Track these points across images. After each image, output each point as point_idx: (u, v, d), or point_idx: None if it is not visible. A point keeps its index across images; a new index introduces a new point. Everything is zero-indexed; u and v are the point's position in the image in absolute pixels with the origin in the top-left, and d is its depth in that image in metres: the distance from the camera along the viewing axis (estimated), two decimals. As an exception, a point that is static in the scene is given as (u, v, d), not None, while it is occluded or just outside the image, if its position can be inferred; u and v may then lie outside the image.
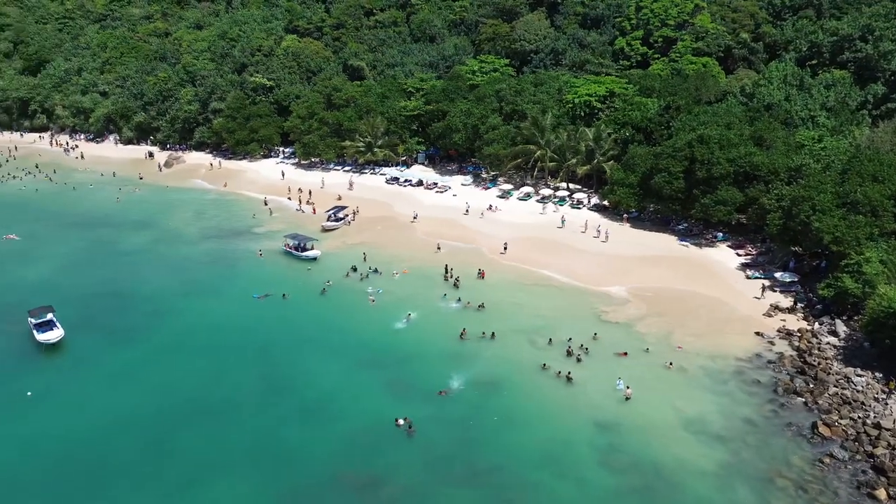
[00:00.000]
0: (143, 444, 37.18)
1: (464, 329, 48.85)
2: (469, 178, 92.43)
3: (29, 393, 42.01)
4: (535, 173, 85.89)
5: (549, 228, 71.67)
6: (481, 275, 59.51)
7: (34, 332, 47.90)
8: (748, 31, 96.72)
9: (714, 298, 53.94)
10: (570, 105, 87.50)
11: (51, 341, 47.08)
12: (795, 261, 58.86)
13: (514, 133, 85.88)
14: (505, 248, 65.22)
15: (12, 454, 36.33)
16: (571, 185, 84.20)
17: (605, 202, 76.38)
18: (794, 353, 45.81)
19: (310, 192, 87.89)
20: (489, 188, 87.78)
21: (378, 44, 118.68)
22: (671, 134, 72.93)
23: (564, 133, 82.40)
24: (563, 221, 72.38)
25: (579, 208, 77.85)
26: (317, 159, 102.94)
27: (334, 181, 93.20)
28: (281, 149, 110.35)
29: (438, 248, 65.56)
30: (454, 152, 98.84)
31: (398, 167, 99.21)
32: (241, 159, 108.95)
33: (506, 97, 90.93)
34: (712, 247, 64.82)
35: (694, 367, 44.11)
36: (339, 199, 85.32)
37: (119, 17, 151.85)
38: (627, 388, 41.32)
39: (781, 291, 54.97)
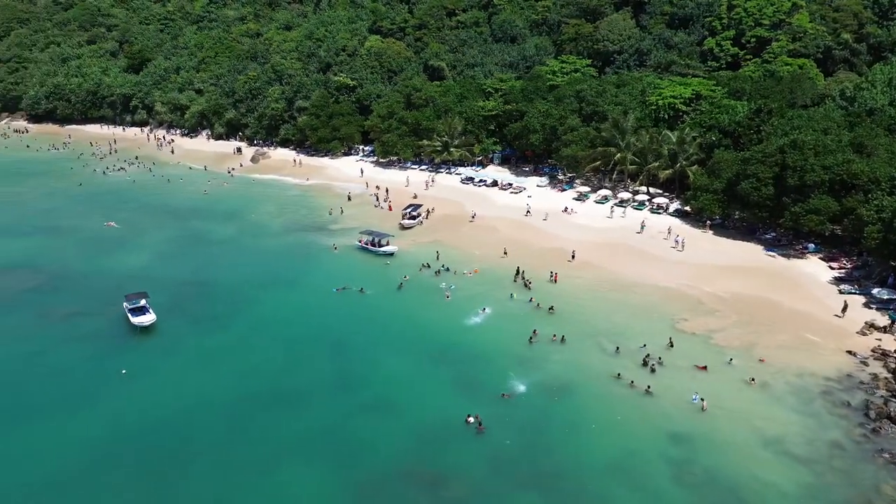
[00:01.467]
0: (222, 425, 38.97)
1: (535, 331, 48.51)
2: (545, 180, 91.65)
3: (123, 371, 44.85)
4: (613, 176, 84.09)
5: (626, 233, 70.01)
6: (553, 278, 58.80)
7: (129, 315, 51.14)
8: (850, 32, 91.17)
9: (802, 312, 51.14)
10: (654, 107, 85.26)
11: (144, 324, 50.16)
12: (895, 276, 54.95)
13: (593, 135, 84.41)
14: (573, 256, 63.26)
15: (106, 426, 38.91)
16: (652, 190, 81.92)
17: (687, 208, 73.86)
18: (890, 375, 42.71)
19: (386, 190, 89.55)
20: (565, 190, 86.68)
21: (459, 44, 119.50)
22: (761, 138, 69.72)
23: (646, 135, 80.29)
24: (642, 227, 70.53)
25: (659, 213, 75.67)
26: (394, 158, 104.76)
27: (412, 180, 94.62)
28: (361, 147, 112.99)
29: (505, 253, 64.65)
30: (530, 153, 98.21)
31: (473, 167, 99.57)
32: (322, 156, 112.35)
33: (586, 98, 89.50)
34: (802, 258, 61.49)
35: (778, 384, 41.97)
36: (415, 197, 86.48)
37: (215, 18, 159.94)
38: (703, 400, 39.88)
39: (878, 309, 51.40)
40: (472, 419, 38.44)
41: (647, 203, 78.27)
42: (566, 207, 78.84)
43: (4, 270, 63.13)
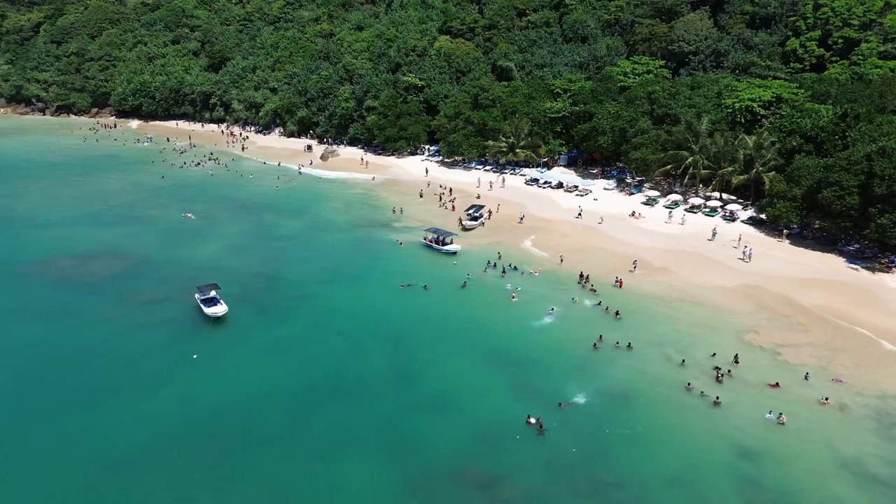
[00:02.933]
0: (284, 414, 40.07)
1: (601, 336, 47.78)
2: (612, 183, 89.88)
3: (195, 356, 46.84)
4: (684, 181, 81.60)
5: (696, 240, 67.87)
6: (619, 283, 57.64)
7: (202, 306, 53.28)
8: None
9: (886, 330, 48.15)
10: (730, 110, 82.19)
11: (218, 315, 52.13)
12: None
13: (664, 138, 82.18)
14: (634, 266, 60.64)
15: (177, 408, 40.71)
16: (725, 196, 79.05)
17: (763, 216, 70.87)
18: None
19: (450, 190, 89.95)
20: (633, 194, 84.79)
21: (528, 44, 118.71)
22: (847, 145, 66.11)
23: (721, 139, 77.52)
24: (713, 234, 68.19)
25: (732, 220, 72.94)
26: (459, 158, 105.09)
27: (475, 180, 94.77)
28: (426, 146, 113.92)
29: (561, 261, 63.32)
30: (598, 155, 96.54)
31: (539, 168, 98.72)
32: (388, 155, 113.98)
33: (658, 100, 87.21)
34: (888, 272, 57.99)
35: (856, 405, 39.72)
36: (478, 197, 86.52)
37: (291, 19, 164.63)
38: (780, 415, 38.34)
39: (973, 330, 47.89)
40: (533, 420, 38.19)
41: (719, 209, 75.59)
42: (633, 212, 77.10)
43: (93, 257, 67.06)
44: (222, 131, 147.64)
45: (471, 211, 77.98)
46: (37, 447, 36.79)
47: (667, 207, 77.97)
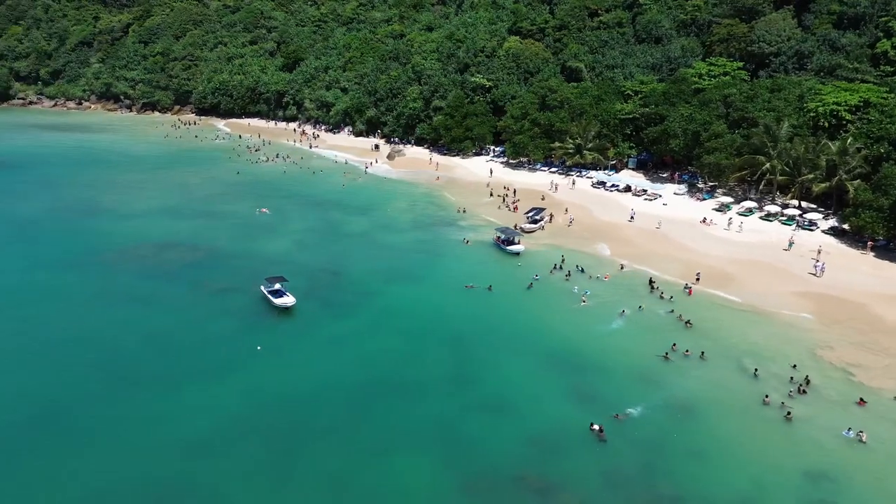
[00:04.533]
0: (343, 408, 40.67)
1: (674, 344, 46.61)
2: (683, 188, 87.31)
3: (259, 347, 48.29)
4: (760, 187, 78.30)
5: (771, 249, 65.09)
6: (688, 291, 55.96)
7: (269, 297, 54.91)
8: None
9: (981, 353, 44.83)
10: (813, 114, 78.29)
11: (287, 305, 53.62)
12: None
13: (740, 142, 79.11)
14: (697, 279, 58.00)
15: (243, 396, 42.04)
16: (804, 204, 75.40)
17: (846, 226, 67.21)
18: None
19: (514, 191, 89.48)
20: (704, 200, 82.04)
21: (599, 45, 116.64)
22: (942, 153, 61.86)
23: (801, 145, 73.95)
24: (790, 244, 65.21)
25: (811, 230, 69.50)
26: (524, 159, 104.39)
27: (541, 181, 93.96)
28: (491, 147, 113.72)
29: (622, 268, 62.00)
30: (669, 159, 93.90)
31: (606, 171, 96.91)
32: (454, 155, 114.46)
33: (734, 103, 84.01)
34: None
35: (943, 431, 37.18)
36: (543, 199, 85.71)
37: (363, 20, 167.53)
38: (861, 433, 36.43)
39: None
40: (596, 426, 37.57)
41: (797, 218, 72.16)
42: (704, 218, 74.63)
43: (170, 246, 70.35)
44: (294, 129, 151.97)
45: (530, 214, 77.06)
46: (120, 425, 38.63)
47: (740, 214, 75.01)
